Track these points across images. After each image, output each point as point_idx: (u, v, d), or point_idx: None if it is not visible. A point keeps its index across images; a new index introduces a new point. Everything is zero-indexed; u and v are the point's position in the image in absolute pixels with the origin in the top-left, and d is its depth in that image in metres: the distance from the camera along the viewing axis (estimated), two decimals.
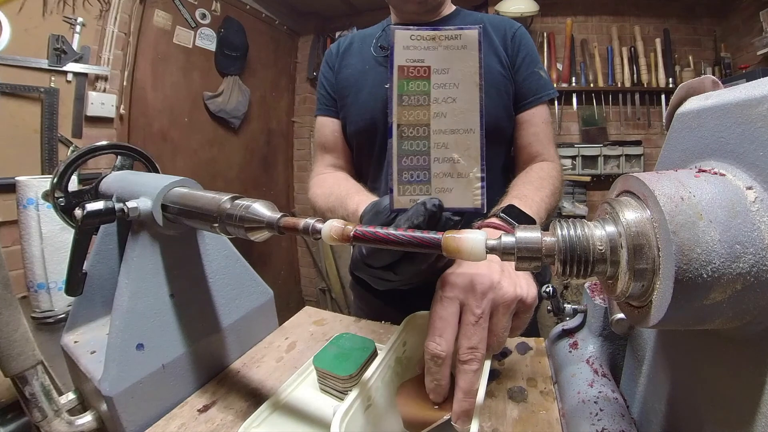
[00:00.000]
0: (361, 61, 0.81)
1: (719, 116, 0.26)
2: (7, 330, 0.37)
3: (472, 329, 0.36)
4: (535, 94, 0.76)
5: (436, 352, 0.36)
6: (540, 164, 0.74)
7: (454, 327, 0.37)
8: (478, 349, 0.36)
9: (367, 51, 0.82)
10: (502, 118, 0.75)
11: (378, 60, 0.79)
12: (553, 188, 0.66)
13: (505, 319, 0.38)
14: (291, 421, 0.45)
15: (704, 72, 2.44)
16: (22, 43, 1.47)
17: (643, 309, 0.24)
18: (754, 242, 0.20)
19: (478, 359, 0.35)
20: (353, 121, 0.79)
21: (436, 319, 0.38)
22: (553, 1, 2.55)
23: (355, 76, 0.80)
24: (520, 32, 0.78)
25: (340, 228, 0.31)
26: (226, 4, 2.42)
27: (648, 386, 0.36)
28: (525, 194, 0.60)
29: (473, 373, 0.35)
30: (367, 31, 0.88)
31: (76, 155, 0.55)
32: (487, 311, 0.37)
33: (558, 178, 0.70)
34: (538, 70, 0.77)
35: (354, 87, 0.80)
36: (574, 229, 0.25)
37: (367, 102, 0.77)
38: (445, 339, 0.36)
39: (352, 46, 0.85)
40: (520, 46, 0.77)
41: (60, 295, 0.81)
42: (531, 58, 0.77)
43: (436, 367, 0.36)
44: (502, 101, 0.75)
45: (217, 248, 0.54)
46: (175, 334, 0.49)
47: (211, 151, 2.45)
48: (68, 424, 0.43)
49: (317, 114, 0.87)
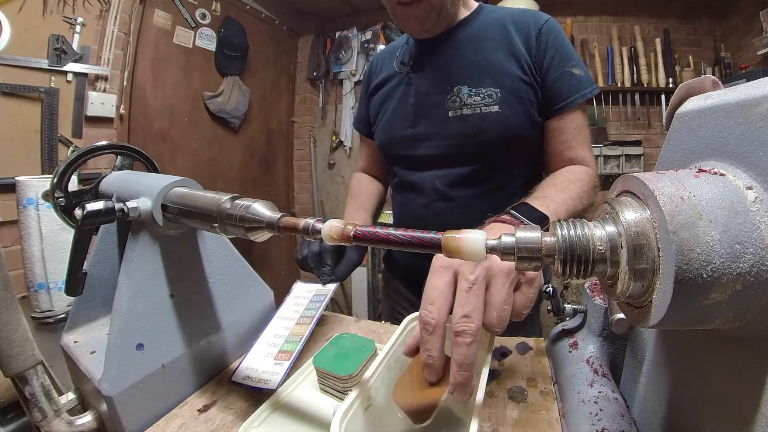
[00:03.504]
0: (386, 79, 0.85)
1: (719, 116, 0.26)
2: (7, 330, 0.37)
3: (465, 296, 0.35)
4: (567, 97, 0.69)
5: (427, 319, 0.35)
6: (570, 167, 0.70)
7: (447, 296, 0.36)
8: (472, 318, 0.34)
9: (390, 66, 0.85)
10: (524, 127, 0.71)
11: (400, 76, 0.82)
12: (581, 191, 0.62)
13: (504, 289, 0.36)
14: (291, 421, 0.45)
15: (704, 72, 2.44)
16: (22, 43, 1.47)
17: (643, 309, 0.24)
18: (754, 242, 0.20)
19: (471, 330, 0.33)
20: (378, 135, 0.86)
21: (429, 288, 0.37)
22: (553, 1, 2.55)
23: (381, 98, 0.85)
24: (547, 28, 0.71)
25: (340, 228, 0.31)
26: (226, 4, 2.42)
27: (648, 386, 0.36)
28: (545, 195, 0.58)
29: (467, 346, 0.33)
30: (394, 43, 0.90)
31: (76, 155, 0.55)
32: (482, 278, 0.36)
33: (589, 182, 0.65)
34: (571, 68, 0.69)
35: (382, 107, 0.85)
36: (574, 229, 0.25)
37: (390, 119, 0.82)
38: (436, 306, 0.35)
39: (383, 62, 0.88)
40: (548, 45, 0.70)
41: (60, 295, 0.81)
42: (561, 56, 0.69)
43: (428, 336, 0.35)
44: (524, 109, 0.70)
45: (217, 248, 0.54)
46: (175, 334, 0.49)
47: (211, 151, 2.45)
48: (68, 424, 0.43)
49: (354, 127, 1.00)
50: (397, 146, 0.81)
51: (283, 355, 0.52)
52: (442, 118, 0.74)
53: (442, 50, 0.76)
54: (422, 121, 0.76)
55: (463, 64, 0.73)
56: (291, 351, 0.52)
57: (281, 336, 0.55)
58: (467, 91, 0.71)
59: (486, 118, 0.70)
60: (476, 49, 0.73)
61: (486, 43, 0.73)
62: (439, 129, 0.75)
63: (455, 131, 0.73)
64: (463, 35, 0.75)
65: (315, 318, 0.57)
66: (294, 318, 0.59)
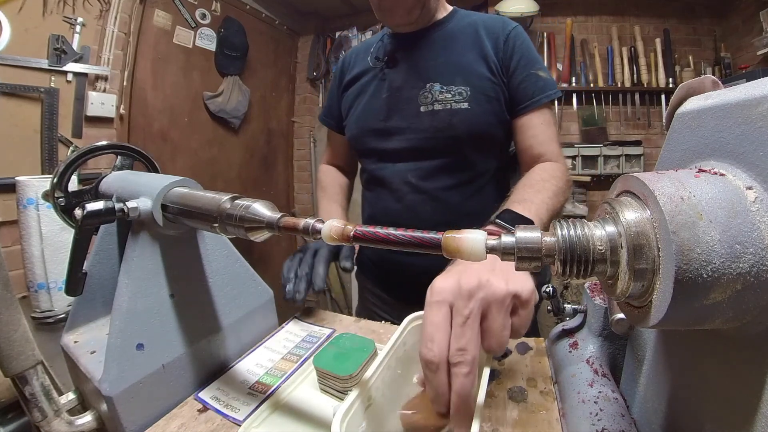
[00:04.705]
0: (360, 74, 0.87)
1: (719, 116, 0.26)
2: (7, 330, 0.37)
3: (460, 330, 0.35)
4: (532, 97, 0.74)
5: (428, 358, 0.35)
6: (542, 165, 0.73)
7: (445, 331, 0.36)
8: (468, 350, 0.35)
9: (364, 61, 0.87)
10: (492, 124, 0.76)
11: (374, 71, 0.84)
12: (556, 189, 0.64)
13: (500, 317, 0.37)
14: (291, 421, 0.45)
15: (704, 72, 2.44)
16: (22, 43, 1.47)
17: (643, 309, 0.24)
18: (754, 242, 0.20)
19: (468, 361, 0.34)
20: (350, 128, 0.88)
21: (427, 325, 0.37)
22: (553, 1, 2.55)
23: (354, 92, 0.87)
24: (514, 34, 0.76)
25: (339, 228, 0.31)
26: (226, 4, 2.42)
27: (648, 386, 0.36)
28: (524, 198, 0.60)
29: (464, 376, 0.34)
30: (368, 41, 0.93)
31: (76, 155, 0.55)
32: (476, 311, 0.36)
33: (562, 178, 0.68)
34: (536, 71, 0.74)
35: (355, 101, 0.86)
36: (574, 229, 0.25)
37: (363, 113, 0.84)
38: (437, 343, 0.35)
39: (356, 58, 0.90)
40: (514, 49, 0.75)
41: (60, 295, 0.81)
42: (527, 60, 0.75)
43: (432, 374, 0.35)
44: (491, 107, 0.75)
45: (217, 248, 0.54)
46: (175, 334, 0.49)
47: (211, 151, 2.45)
48: (68, 424, 0.43)
49: (321, 120, 0.99)
50: (370, 139, 0.84)
51: (259, 386, 0.51)
52: (415, 113, 0.77)
53: (416, 48, 0.80)
54: (395, 114, 0.80)
55: (436, 63, 0.78)
56: (269, 385, 0.51)
57: (263, 366, 0.55)
58: (439, 88, 0.76)
59: (456, 114, 0.74)
60: (449, 50, 0.78)
61: (458, 45, 0.78)
62: (411, 123, 0.78)
63: (427, 125, 0.76)
64: (437, 35, 0.80)
65: (303, 358, 0.56)
66: (281, 352, 0.58)
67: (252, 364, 0.56)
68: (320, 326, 0.65)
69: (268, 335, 0.62)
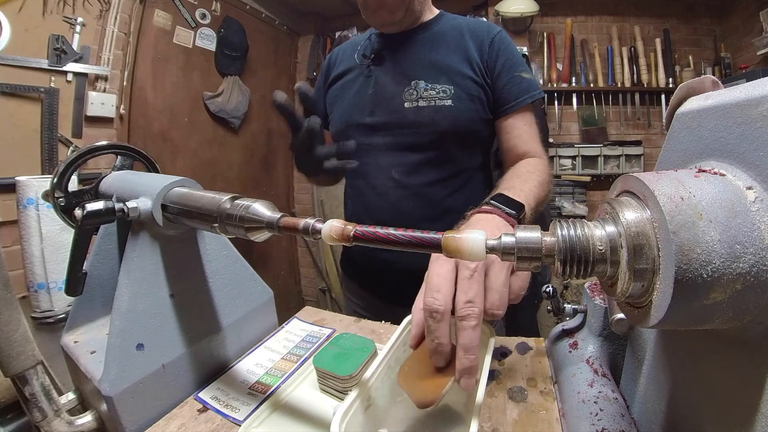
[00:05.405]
0: (346, 71, 0.88)
1: (719, 116, 0.26)
2: (7, 330, 0.37)
3: (468, 283, 0.36)
4: (516, 98, 0.77)
5: (435, 307, 0.35)
6: (527, 160, 0.76)
7: (451, 283, 0.37)
8: (475, 303, 0.36)
9: (351, 59, 0.88)
10: (475, 121, 0.78)
11: (360, 68, 0.85)
12: (541, 179, 0.67)
13: (502, 274, 0.38)
14: (291, 421, 0.45)
15: (704, 72, 2.44)
16: (22, 43, 1.47)
17: (643, 309, 0.24)
18: (754, 242, 0.20)
19: (475, 314, 0.35)
20: (334, 123, 0.88)
21: (432, 276, 0.37)
22: (553, 1, 2.55)
23: (340, 88, 0.88)
24: (499, 38, 0.79)
25: (340, 228, 0.31)
26: (226, 4, 2.42)
27: (648, 386, 0.36)
28: (513, 186, 0.62)
29: (472, 329, 0.35)
30: (355, 39, 0.94)
31: (76, 155, 0.55)
32: (482, 266, 0.37)
33: (545, 171, 0.71)
34: (520, 73, 0.77)
35: (340, 97, 0.87)
36: (574, 229, 0.25)
37: (348, 108, 0.85)
38: (443, 294, 0.36)
39: (343, 55, 0.91)
40: (499, 53, 0.78)
41: (60, 295, 0.81)
42: (511, 63, 0.77)
43: (436, 324, 0.36)
44: (474, 106, 0.77)
45: (217, 248, 0.54)
46: (175, 334, 0.49)
47: (211, 151, 2.45)
48: (68, 424, 0.43)
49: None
50: (354, 133, 0.84)
51: (259, 386, 0.51)
52: (399, 109, 0.79)
53: (403, 47, 0.82)
54: (380, 110, 0.81)
55: (421, 62, 0.80)
56: (269, 385, 0.51)
57: (263, 366, 0.55)
58: (424, 85, 0.78)
59: (439, 110, 0.77)
60: (434, 50, 0.80)
61: (443, 46, 0.80)
62: (395, 118, 0.80)
63: (411, 121, 0.78)
64: (423, 36, 0.82)
65: (303, 358, 0.56)
66: (281, 352, 0.58)
67: (252, 364, 0.56)
68: (320, 326, 0.65)
69: (268, 335, 0.62)
